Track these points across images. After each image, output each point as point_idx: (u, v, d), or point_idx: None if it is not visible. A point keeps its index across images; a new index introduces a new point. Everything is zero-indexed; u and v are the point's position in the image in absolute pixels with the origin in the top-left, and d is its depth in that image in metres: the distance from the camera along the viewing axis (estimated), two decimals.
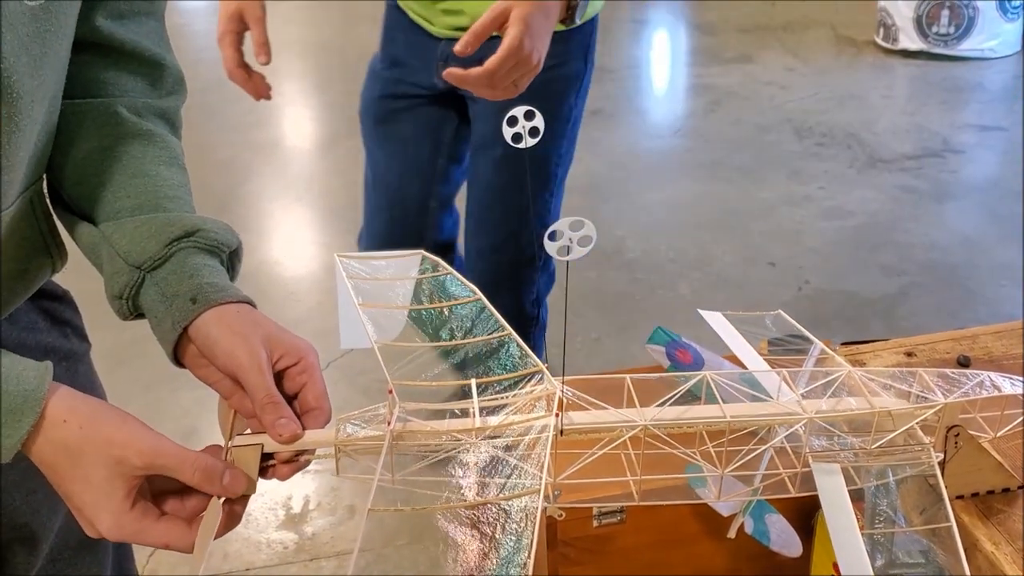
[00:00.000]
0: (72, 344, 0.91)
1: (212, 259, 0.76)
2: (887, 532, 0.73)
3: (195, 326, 0.72)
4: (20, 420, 0.62)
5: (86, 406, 0.65)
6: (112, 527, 0.65)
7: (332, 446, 0.70)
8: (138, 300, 0.75)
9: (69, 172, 0.77)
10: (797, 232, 3.25)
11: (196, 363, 0.74)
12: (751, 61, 4.98)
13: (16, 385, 0.62)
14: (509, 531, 0.60)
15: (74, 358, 0.91)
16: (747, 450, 0.72)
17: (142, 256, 0.74)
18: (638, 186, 3.66)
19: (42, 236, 0.79)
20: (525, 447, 0.66)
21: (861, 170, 3.68)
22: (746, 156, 3.85)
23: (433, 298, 0.81)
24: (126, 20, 0.79)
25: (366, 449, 0.69)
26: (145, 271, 0.74)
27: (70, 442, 0.64)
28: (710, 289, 2.93)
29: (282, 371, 0.73)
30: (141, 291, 0.74)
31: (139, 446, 0.64)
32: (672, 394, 0.72)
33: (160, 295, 0.73)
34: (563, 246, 0.63)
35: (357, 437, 0.69)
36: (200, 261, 0.75)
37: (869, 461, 0.74)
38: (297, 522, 2.10)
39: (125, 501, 0.65)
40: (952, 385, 0.79)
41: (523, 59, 1.20)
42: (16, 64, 0.63)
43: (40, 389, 0.63)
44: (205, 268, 0.75)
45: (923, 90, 4.49)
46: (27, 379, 0.63)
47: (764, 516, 0.97)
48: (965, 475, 0.87)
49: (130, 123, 0.79)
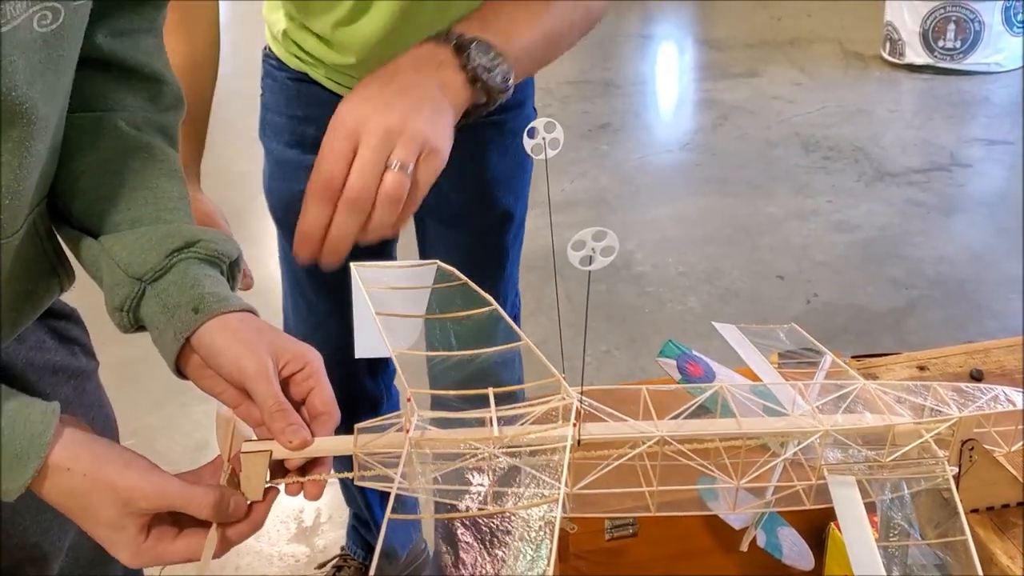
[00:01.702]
0: (80, 362, 0.91)
1: (213, 269, 0.76)
2: (901, 545, 0.73)
3: (198, 336, 0.72)
4: (25, 465, 0.63)
5: (89, 452, 0.65)
6: (131, 559, 0.66)
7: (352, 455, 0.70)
8: (139, 312, 0.74)
9: (68, 186, 0.77)
10: (805, 246, 3.25)
11: (200, 374, 0.74)
12: (758, 76, 5.00)
13: (23, 428, 0.63)
14: (528, 540, 0.60)
15: (83, 376, 0.92)
16: (762, 462, 0.72)
17: (142, 268, 0.73)
18: (646, 200, 3.66)
19: (47, 256, 0.79)
20: (543, 457, 0.66)
21: (869, 184, 3.68)
22: (754, 170, 3.86)
23: (448, 307, 0.81)
24: (125, 37, 0.79)
25: (384, 457, 0.69)
26: (146, 283, 0.73)
27: (75, 488, 0.64)
28: (719, 303, 2.93)
29: (288, 378, 0.73)
30: (142, 303, 0.74)
31: (144, 490, 0.65)
32: (688, 405, 0.72)
33: (161, 306, 0.73)
34: (585, 256, 0.63)
35: (376, 444, 0.70)
36: (201, 271, 0.75)
37: (883, 474, 0.74)
38: (308, 535, 2.10)
39: (139, 535, 0.66)
40: (966, 399, 0.79)
41: (365, 168, 0.73)
42: (31, 91, 0.63)
43: (45, 435, 0.63)
44: (206, 278, 0.74)
45: (930, 104, 4.50)
46: (33, 423, 0.63)
47: (776, 529, 0.97)
48: (980, 489, 0.87)
49: (129, 136, 0.79)
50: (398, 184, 0.71)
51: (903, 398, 0.78)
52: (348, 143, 0.71)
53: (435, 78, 0.76)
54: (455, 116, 0.77)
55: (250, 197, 3.68)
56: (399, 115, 0.72)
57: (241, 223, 3.49)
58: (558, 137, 0.79)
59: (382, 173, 0.73)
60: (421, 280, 0.85)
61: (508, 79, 0.79)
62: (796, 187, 3.69)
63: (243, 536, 0.69)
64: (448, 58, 0.77)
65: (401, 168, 0.71)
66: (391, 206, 0.71)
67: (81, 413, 0.90)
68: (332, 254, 0.72)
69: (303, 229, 0.71)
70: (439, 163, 0.73)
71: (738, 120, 4.40)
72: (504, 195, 1.37)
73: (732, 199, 3.63)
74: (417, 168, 0.72)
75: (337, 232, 0.71)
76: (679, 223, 3.46)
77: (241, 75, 4.63)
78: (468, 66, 0.77)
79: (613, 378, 2.54)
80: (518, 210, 1.42)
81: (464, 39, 0.78)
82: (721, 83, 4.94)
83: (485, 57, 0.78)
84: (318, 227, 0.71)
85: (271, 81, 1.39)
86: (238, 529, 0.69)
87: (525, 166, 1.40)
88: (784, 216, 3.46)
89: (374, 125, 0.71)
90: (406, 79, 0.75)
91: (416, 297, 0.83)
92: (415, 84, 0.75)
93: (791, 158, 3.95)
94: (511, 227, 1.42)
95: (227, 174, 3.88)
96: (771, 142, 4.12)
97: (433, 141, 0.73)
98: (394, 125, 0.72)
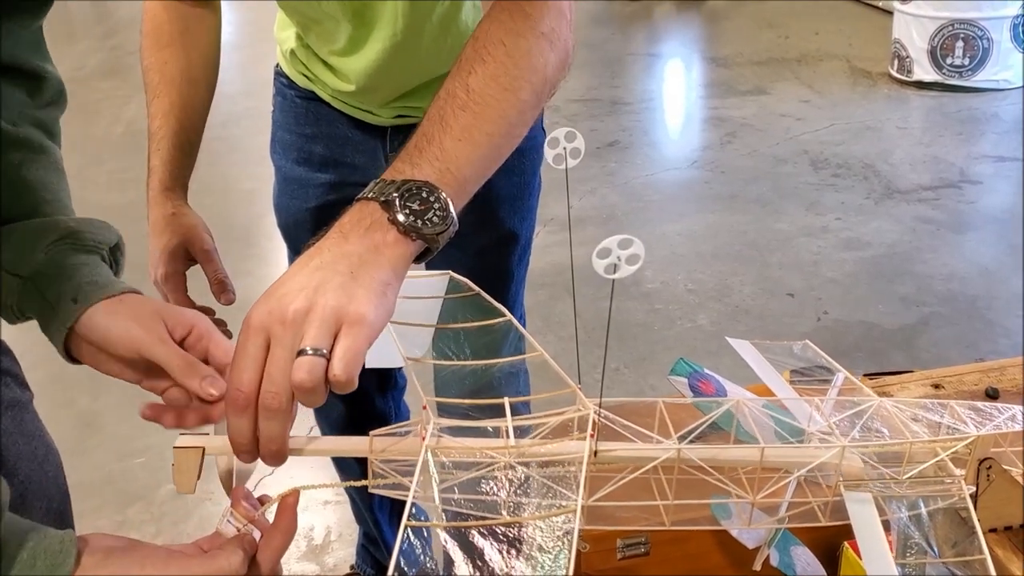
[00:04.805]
0: (15, 393, 0.91)
1: (91, 257, 0.78)
2: (919, 563, 0.72)
3: (81, 323, 0.74)
4: None
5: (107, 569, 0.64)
6: None
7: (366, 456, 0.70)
8: (23, 307, 0.77)
9: None
10: (815, 263, 3.25)
11: (96, 359, 0.76)
12: (766, 93, 5.00)
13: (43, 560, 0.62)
14: (546, 551, 0.59)
15: (18, 407, 0.91)
16: (777, 477, 0.72)
17: (20, 263, 0.76)
18: (655, 217, 3.66)
19: None
20: (559, 468, 0.66)
21: (878, 201, 3.68)
22: (763, 187, 3.85)
23: (462, 317, 0.81)
24: (3, 34, 0.79)
25: (399, 465, 0.69)
26: (25, 277, 0.76)
27: None
28: (729, 320, 2.92)
29: (180, 343, 0.75)
30: (24, 298, 0.76)
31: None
32: (704, 419, 0.72)
33: (42, 300, 0.75)
34: (611, 264, 0.62)
35: (392, 451, 0.69)
36: (78, 261, 0.77)
37: (900, 491, 0.73)
38: (319, 553, 2.09)
39: None
40: (983, 417, 0.78)
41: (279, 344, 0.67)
42: None
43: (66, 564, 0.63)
44: (84, 267, 0.76)
45: (939, 121, 4.50)
46: (52, 552, 0.62)
47: (789, 548, 0.96)
48: (998, 508, 0.86)
49: (6, 133, 0.80)
50: (308, 371, 0.64)
51: (919, 416, 0.77)
52: (257, 342, 0.66)
53: (363, 244, 0.71)
54: (395, 270, 0.71)
55: (258, 215, 3.70)
56: (304, 297, 0.67)
57: (250, 241, 3.51)
58: (579, 147, 0.80)
59: None
60: (434, 290, 0.85)
61: (446, 216, 0.74)
62: (805, 204, 3.68)
63: (281, 549, 0.69)
64: (377, 217, 0.72)
65: (314, 352, 0.65)
66: (308, 395, 0.65)
67: (23, 443, 0.90)
68: (271, 457, 0.68)
69: (233, 440, 0.67)
70: (366, 330, 0.66)
71: (746, 137, 4.40)
72: (509, 216, 1.37)
73: (741, 216, 3.62)
74: (336, 343, 0.66)
75: (267, 436, 0.67)
76: (688, 240, 3.46)
77: (250, 95, 4.67)
78: (395, 219, 0.72)
79: (622, 396, 2.52)
80: (523, 231, 1.41)
81: (390, 193, 0.73)
82: (729, 100, 4.95)
83: (415, 202, 0.73)
84: (246, 439, 0.67)
85: (281, 99, 1.40)
86: (272, 548, 0.69)
87: (531, 187, 1.39)
88: (794, 233, 3.46)
89: (278, 315, 0.66)
90: (323, 258, 0.70)
91: (428, 307, 0.83)
92: (334, 258, 0.70)
93: (800, 175, 3.95)
94: (516, 248, 1.41)
95: (235, 192, 3.90)
96: (780, 159, 4.12)
97: (350, 309, 0.66)
98: (299, 308, 0.66)
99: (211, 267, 1.15)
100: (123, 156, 4.44)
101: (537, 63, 0.84)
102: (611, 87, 5.30)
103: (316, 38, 1.25)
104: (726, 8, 7.04)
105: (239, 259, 3.10)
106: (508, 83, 0.82)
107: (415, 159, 0.77)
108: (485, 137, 0.80)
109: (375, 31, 1.17)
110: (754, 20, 6.60)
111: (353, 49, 1.21)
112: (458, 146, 0.78)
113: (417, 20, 1.16)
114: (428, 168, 0.76)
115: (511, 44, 0.83)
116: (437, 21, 1.17)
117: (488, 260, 1.39)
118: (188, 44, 1.20)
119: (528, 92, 0.83)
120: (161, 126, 1.17)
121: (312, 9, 1.17)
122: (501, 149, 0.83)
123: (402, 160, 0.77)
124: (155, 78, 1.19)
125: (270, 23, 1.38)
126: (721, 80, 5.36)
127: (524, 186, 1.37)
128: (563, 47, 0.87)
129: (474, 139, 0.79)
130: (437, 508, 0.65)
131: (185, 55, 1.20)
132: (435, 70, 1.22)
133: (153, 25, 1.21)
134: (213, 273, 1.15)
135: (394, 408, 1.64)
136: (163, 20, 1.21)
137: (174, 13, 1.21)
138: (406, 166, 0.76)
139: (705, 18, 6.98)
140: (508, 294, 1.44)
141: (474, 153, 0.79)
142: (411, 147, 0.78)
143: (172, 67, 1.19)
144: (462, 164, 0.78)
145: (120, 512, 2.23)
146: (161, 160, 1.16)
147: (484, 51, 0.82)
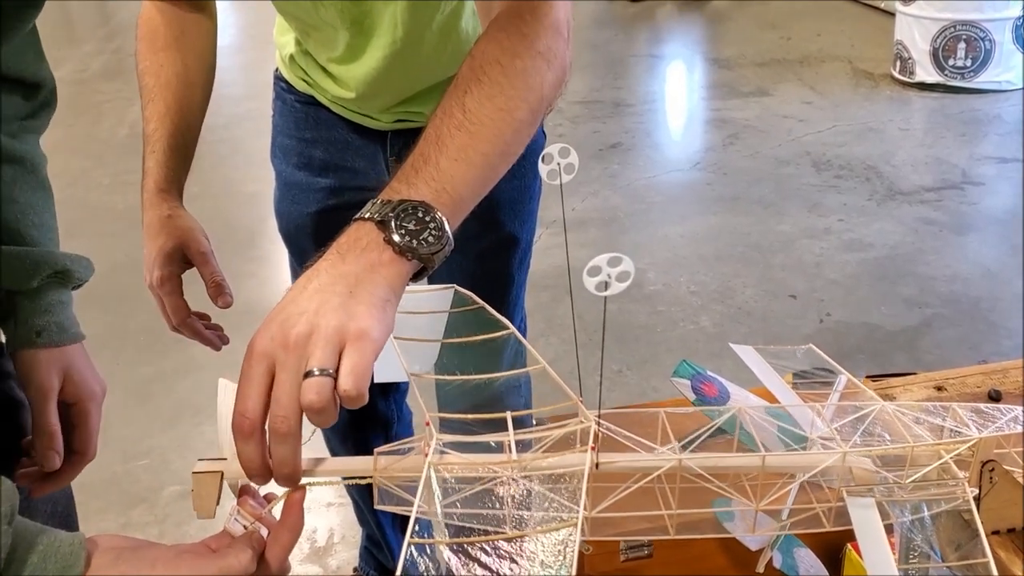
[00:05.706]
0: (16, 394, 0.92)
1: (68, 293, 0.89)
2: (922, 567, 0.72)
3: (26, 352, 0.87)
4: None
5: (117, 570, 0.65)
6: None
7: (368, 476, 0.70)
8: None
9: None
10: (817, 265, 3.25)
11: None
12: (768, 95, 5.00)
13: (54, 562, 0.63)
14: (547, 565, 0.59)
15: (19, 407, 0.92)
16: (781, 483, 0.72)
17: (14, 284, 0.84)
18: (657, 219, 3.66)
19: None
20: (561, 481, 0.66)
21: (880, 202, 3.68)
22: (765, 189, 3.85)
23: (466, 331, 0.81)
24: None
25: (402, 480, 0.69)
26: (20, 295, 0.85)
27: None
28: (731, 322, 2.93)
29: (69, 405, 0.88)
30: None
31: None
32: (706, 428, 0.72)
33: (12, 307, 0.85)
34: (601, 281, 0.63)
35: (396, 468, 0.69)
36: (56, 298, 0.87)
37: (903, 495, 0.73)
38: (322, 555, 2.09)
39: None
40: (986, 420, 0.78)
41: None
42: None
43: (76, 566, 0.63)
44: (59, 306, 0.87)
45: (941, 123, 4.50)
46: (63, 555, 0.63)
47: (793, 550, 0.96)
48: (1001, 510, 0.86)
49: (5, 147, 0.84)
50: (317, 391, 0.65)
51: (921, 419, 0.77)
52: (260, 369, 0.67)
53: (360, 264, 0.71)
54: (392, 288, 0.72)
55: (260, 218, 3.71)
56: (305, 320, 0.67)
57: (252, 244, 3.51)
58: (573, 162, 0.80)
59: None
60: (439, 304, 0.85)
61: (442, 236, 0.74)
62: (808, 206, 3.68)
63: (289, 546, 0.69)
64: (373, 237, 0.72)
65: (321, 372, 0.65)
66: (319, 415, 0.65)
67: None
68: (284, 479, 0.68)
69: (245, 466, 0.67)
70: (371, 344, 0.67)
71: (749, 139, 4.40)
72: (509, 219, 1.37)
73: (743, 218, 3.62)
74: (342, 361, 0.66)
75: (279, 460, 0.67)
76: (690, 242, 3.46)
77: (251, 97, 4.68)
78: (391, 239, 0.72)
79: (625, 398, 2.54)
80: (524, 234, 1.41)
81: (386, 213, 0.73)
82: (731, 102, 4.95)
83: (411, 222, 0.73)
84: (258, 464, 0.67)
85: (281, 103, 1.40)
86: (280, 545, 0.69)
87: (532, 190, 1.39)
88: (796, 235, 3.46)
89: (280, 341, 0.67)
90: (321, 280, 0.70)
91: (433, 322, 0.83)
92: (331, 279, 0.70)
93: (802, 177, 3.95)
94: (516, 251, 1.41)
95: (237, 195, 3.91)
96: (782, 161, 4.12)
97: (352, 326, 0.67)
98: (301, 332, 0.66)
99: (208, 270, 1.14)
100: (126, 158, 4.44)
101: (533, 83, 0.84)
102: (613, 88, 5.31)
103: (315, 44, 1.25)
104: (728, 9, 7.05)
105: (242, 261, 3.10)
106: (504, 103, 0.82)
107: (411, 179, 0.77)
108: (481, 157, 0.80)
109: (374, 39, 1.17)
110: (756, 21, 6.60)
111: (352, 57, 1.21)
112: (454, 166, 0.78)
113: (417, 28, 1.16)
114: (424, 188, 0.76)
115: (507, 64, 0.83)
116: (437, 29, 1.17)
117: (488, 264, 1.39)
118: (184, 48, 1.20)
119: (524, 112, 0.84)
120: (156, 128, 1.17)
121: (310, 15, 1.17)
122: (497, 168, 0.83)
123: (398, 180, 0.77)
124: (151, 81, 1.19)
125: (272, 26, 1.38)
126: (723, 81, 5.36)
127: (524, 190, 1.37)
128: (560, 65, 0.87)
129: (470, 159, 0.79)
130: (440, 523, 0.65)
131: (181, 59, 1.20)
132: (436, 76, 1.22)
133: (149, 29, 1.21)
134: (210, 276, 1.14)
135: (396, 411, 1.64)
136: (159, 24, 1.21)
137: (170, 17, 1.21)
138: (402, 186, 0.76)
139: (707, 19, 6.99)
140: (509, 298, 1.44)
141: (470, 173, 0.79)
142: (407, 167, 0.78)
143: (168, 70, 1.19)
144: (458, 184, 0.78)
145: (124, 514, 2.23)
146: (156, 162, 1.16)
147: (480, 71, 0.83)
